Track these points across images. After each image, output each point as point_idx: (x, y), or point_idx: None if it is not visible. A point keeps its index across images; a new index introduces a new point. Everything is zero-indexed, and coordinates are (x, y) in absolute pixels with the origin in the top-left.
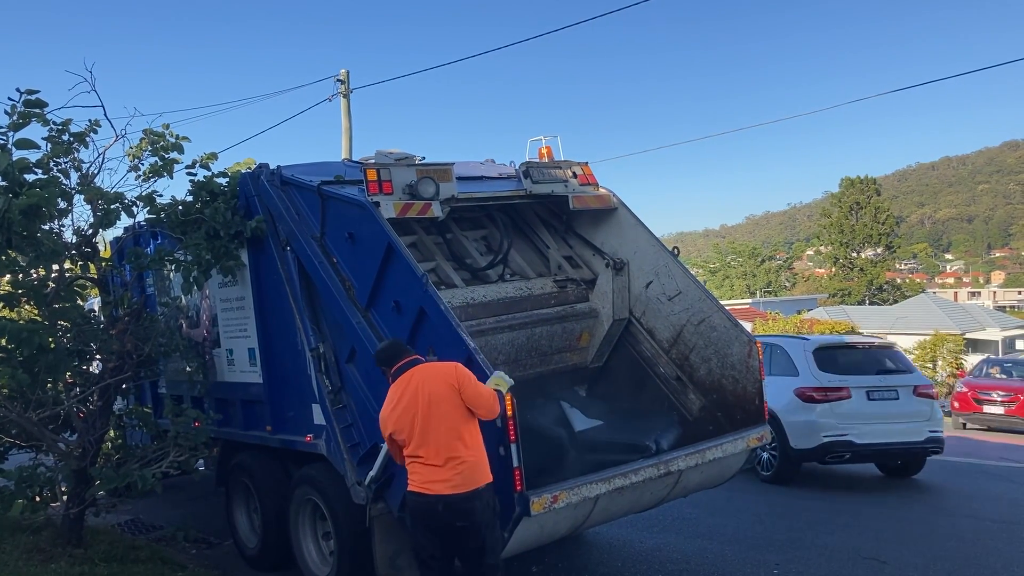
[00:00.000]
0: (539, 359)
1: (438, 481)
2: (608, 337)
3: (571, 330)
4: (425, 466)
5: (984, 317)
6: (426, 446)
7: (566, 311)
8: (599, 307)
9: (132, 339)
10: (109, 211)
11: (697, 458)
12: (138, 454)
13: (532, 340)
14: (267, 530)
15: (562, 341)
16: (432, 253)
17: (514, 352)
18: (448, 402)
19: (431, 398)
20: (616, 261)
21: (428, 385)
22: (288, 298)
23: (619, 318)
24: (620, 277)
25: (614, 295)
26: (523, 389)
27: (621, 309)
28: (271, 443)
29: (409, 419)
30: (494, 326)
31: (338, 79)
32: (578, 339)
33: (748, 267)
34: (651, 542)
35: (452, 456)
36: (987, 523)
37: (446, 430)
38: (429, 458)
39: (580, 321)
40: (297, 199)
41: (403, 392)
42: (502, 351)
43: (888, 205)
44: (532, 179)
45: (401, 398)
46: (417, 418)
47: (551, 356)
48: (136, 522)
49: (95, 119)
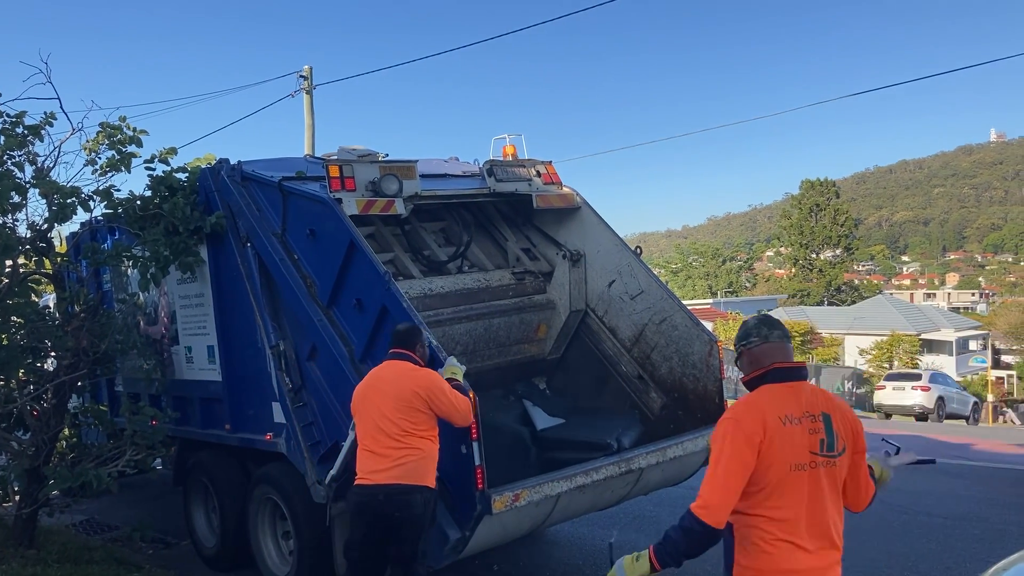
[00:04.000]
0: (497, 350)
1: (381, 471)
2: (565, 329)
3: (528, 321)
4: (372, 455)
5: (939, 318)
6: (377, 435)
7: (523, 303)
8: (556, 299)
9: (88, 336)
10: (65, 206)
11: (658, 456)
12: (93, 453)
13: (490, 331)
14: (226, 530)
15: (520, 332)
16: (390, 244)
17: (472, 343)
18: (409, 405)
19: (397, 394)
20: (572, 253)
21: (399, 383)
22: (248, 295)
23: (576, 309)
24: (576, 269)
25: (571, 286)
26: (482, 380)
27: (578, 300)
28: (230, 442)
29: (370, 404)
30: (451, 316)
31: (301, 75)
32: (536, 331)
33: (710, 267)
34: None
35: (400, 450)
36: (939, 519)
37: (392, 421)
38: (373, 445)
39: (538, 312)
40: (258, 195)
41: (376, 372)
42: (460, 341)
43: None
44: (496, 177)
45: (369, 378)
46: (376, 406)
47: (509, 347)
48: (91, 522)
49: (51, 112)
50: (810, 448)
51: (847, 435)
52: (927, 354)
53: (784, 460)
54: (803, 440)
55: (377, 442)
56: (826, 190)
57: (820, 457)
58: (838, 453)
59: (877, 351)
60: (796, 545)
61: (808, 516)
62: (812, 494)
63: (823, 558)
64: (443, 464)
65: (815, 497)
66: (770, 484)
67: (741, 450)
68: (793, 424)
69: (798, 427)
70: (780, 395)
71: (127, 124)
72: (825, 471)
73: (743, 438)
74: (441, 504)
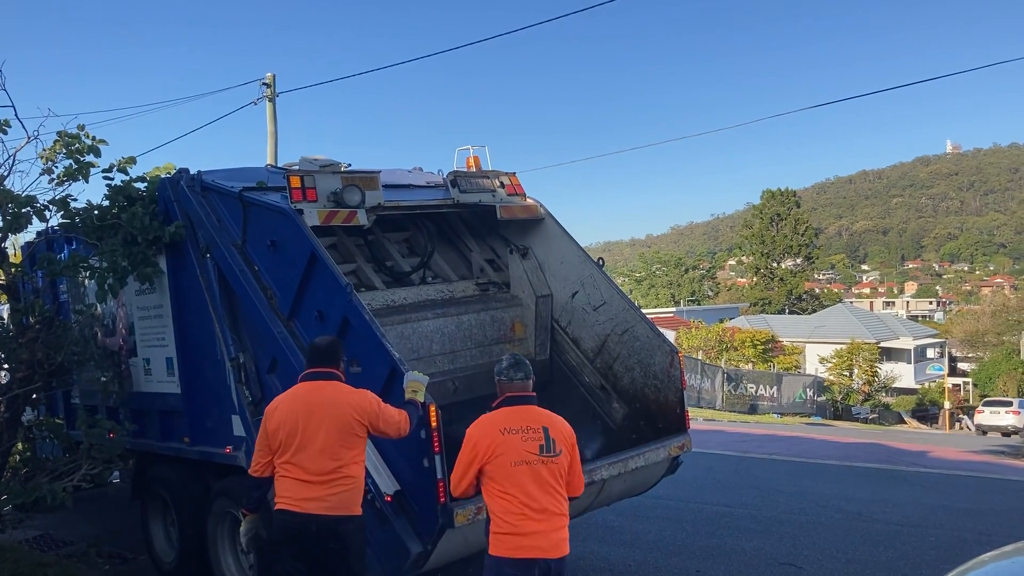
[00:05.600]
0: (478, 350)
1: (312, 499)
2: (540, 321)
3: (500, 319)
4: (298, 482)
5: (898, 326)
6: (304, 460)
7: (489, 303)
8: (519, 292)
9: (43, 348)
10: (19, 215)
11: (620, 467)
12: (48, 467)
13: (462, 328)
14: (185, 544)
15: (495, 331)
16: (353, 255)
17: (448, 342)
18: (349, 431)
19: (336, 421)
20: (519, 247)
21: (337, 409)
22: (208, 306)
23: (541, 295)
24: (527, 260)
25: (528, 275)
26: (473, 382)
27: (540, 286)
28: (189, 455)
29: (294, 423)
30: (419, 316)
31: (264, 83)
32: (512, 329)
33: (673, 276)
34: (575, 551)
35: (331, 476)
36: (897, 527)
37: (331, 450)
38: (304, 474)
39: (506, 309)
40: (218, 205)
41: (306, 395)
42: (435, 340)
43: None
44: (460, 188)
45: (297, 400)
46: (303, 427)
47: (490, 347)
48: (45, 538)
49: (5, 119)
50: (528, 450)
51: (563, 442)
52: (886, 362)
53: (507, 458)
54: (521, 445)
55: (309, 471)
56: (787, 200)
57: (539, 457)
58: (556, 454)
59: (837, 359)
60: (524, 515)
61: (531, 496)
62: (534, 482)
63: (545, 524)
64: (405, 476)
65: (536, 484)
66: (499, 474)
67: (470, 451)
68: (512, 434)
69: (517, 436)
70: (507, 414)
71: (85, 133)
72: (546, 467)
73: (472, 443)
74: (403, 517)
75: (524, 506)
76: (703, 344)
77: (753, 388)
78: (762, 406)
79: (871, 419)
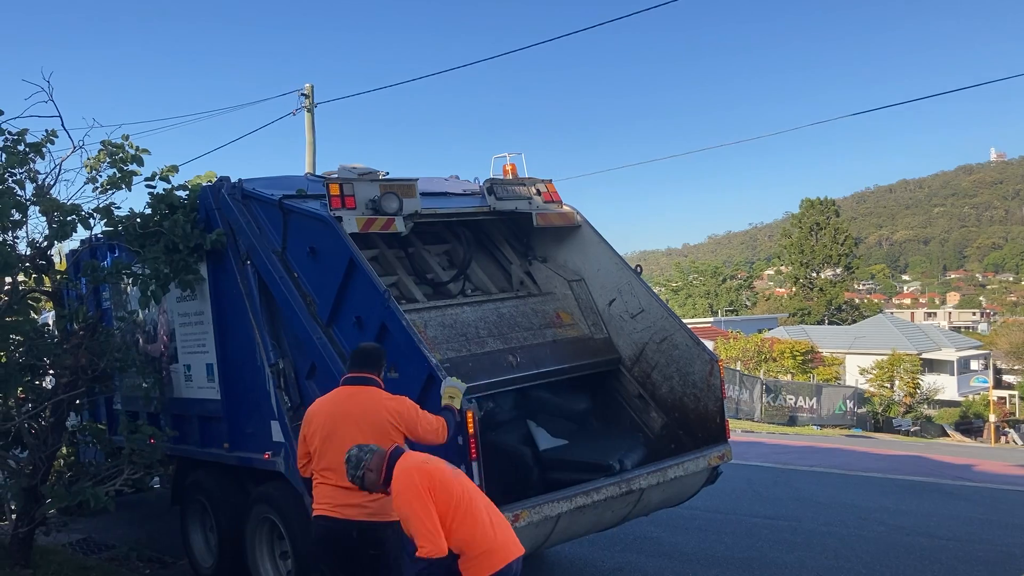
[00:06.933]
0: (528, 332)
1: (352, 506)
2: (582, 303)
3: (540, 310)
4: (337, 488)
5: (940, 337)
6: (340, 466)
7: (526, 300)
8: (551, 289)
9: (87, 354)
10: (65, 223)
11: (659, 476)
12: (91, 471)
13: (504, 318)
14: (223, 549)
15: (540, 319)
16: (394, 267)
17: (494, 327)
18: (385, 437)
19: (372, 426)
20: (537, 256)
21: (375, 415)
22: (248, 313)
23: (572, 279)
24: (549, 262)
25: (554, 271)
26: (530, 353)
27: (568, 274)
28: (228, 461)
29: (328, 430)
30: (455, 307)
31: (302, 93)
32: (557, 316)
33: (710, 286)
34: (612, 561)
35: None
36: (943, 541)
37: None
38: (342, 480)
39: (545, 303)
40: (258, 213)
41: (342, 401)
42: (480, 327)
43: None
44: (496, 196)
45: (332, 406)
46: (338, 434)
47: (540, 330)
48: (88, 541)
49: (52, 129)
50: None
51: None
52: (928, 373)
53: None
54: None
55: (345, 477)
56: (826, 209)
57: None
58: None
59: (878, 371)
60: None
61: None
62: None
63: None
64: None
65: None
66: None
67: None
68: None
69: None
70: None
71: (129, 143)
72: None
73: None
74: None
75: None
76: (741, 355)
77: (792, 399)
78: (801, 418)
79: (913, 431)
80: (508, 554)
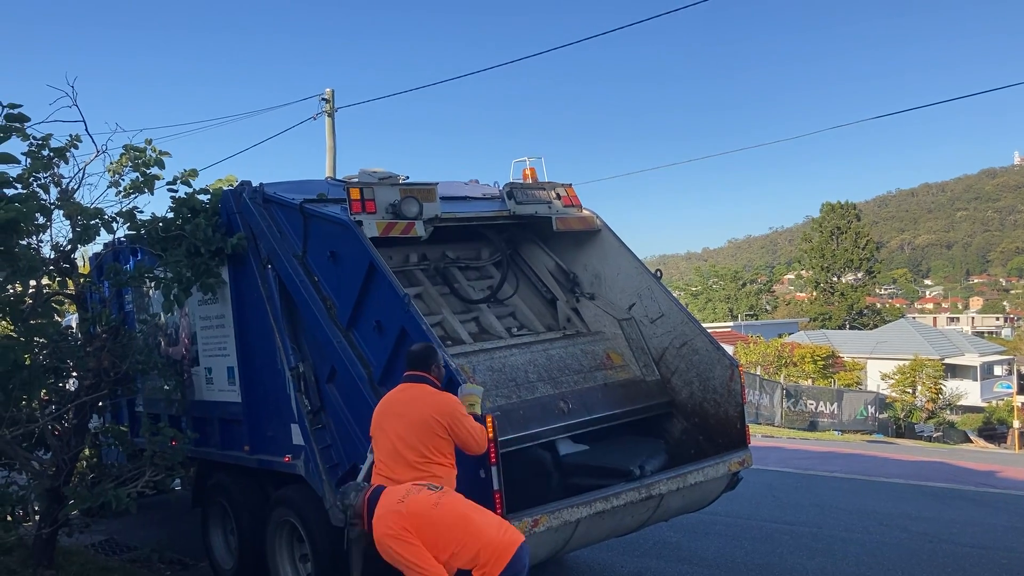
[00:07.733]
0: (579, 376)
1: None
2: (634, 343)
3: (590, 352)
4: (389, 481)
5: (963, 342)
6: (394, 462)
7: (575, 340)
8: (600, 328)
9: (109, 356)
10: (88, 227)
11: (679, 482)
12: (113, 473)
13: (553, 360)
14: (244, 551)
15: (590, 360)
16: (439, 306)
17: (544, 371)
18: (428, 429)
19: (415, 418)
20: (585, 293)
21: (417, 407)
22: (268, 317)
23: (622, 318)
24: (596, 300)
25: (602, 308)
26: (581, 399)
27: (617, 312)
28: (249, 463)
29: (379, 422)
30: (502, 351)
31: (323, 98)
32: (608, 358)
33: (730, 290)
34: (632, 566)
35: (415, 475)
36: (966, 548)
37: (409, 446)
38: (394, 475)
39: (594, 344)
40: (279, 217)
41: (393, 396)
42: (530, 371)
43: (868, 231)
44: (516, 200)
45: (385, 402)
46: (393, 431)
47: (590, 373)
48: (110, 542)
49: (76, 134)
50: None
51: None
52: (951, 379)
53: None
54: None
55: (393, 469)
56: (847, 213)
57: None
58: None
59: (900, 376)
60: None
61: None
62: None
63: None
64: (462, 488)
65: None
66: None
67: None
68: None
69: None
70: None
71: (152, 147)
72: None
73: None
74: None
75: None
76: (761, 359)
77: (813, 404)
78: (822, 423)
79: (935, 437)
80: (511, 546)
